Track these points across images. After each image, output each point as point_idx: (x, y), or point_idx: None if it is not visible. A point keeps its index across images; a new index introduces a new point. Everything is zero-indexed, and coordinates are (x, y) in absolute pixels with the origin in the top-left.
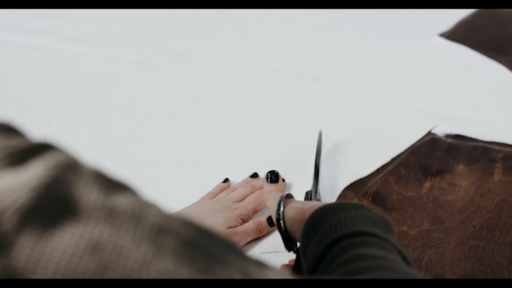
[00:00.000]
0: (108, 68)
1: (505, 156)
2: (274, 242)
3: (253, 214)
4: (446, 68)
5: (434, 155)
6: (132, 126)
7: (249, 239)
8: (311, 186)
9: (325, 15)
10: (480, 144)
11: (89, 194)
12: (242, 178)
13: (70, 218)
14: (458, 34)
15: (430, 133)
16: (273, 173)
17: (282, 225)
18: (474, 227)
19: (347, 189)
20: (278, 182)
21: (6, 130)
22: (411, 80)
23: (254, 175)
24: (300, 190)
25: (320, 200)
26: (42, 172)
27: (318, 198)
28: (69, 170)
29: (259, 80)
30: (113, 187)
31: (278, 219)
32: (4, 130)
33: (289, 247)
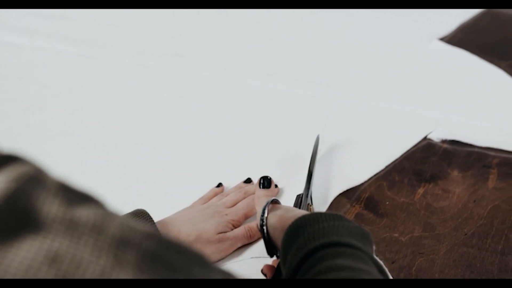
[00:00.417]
0: (107, 69)
1: (500, 162)
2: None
3: (244, 220)
4: (444, 72)
5: (429, 161)
6: (129, 127)
7: (239, 245)
8: (303, 190)
9: (325, 15)
10: (476, 149)
11: (49, 206)
12: (236, 182)
13: (29, 230)
14: (458, 38)
15: (426, 138)
16: (265, 178)
17: (265, 231)
18: (466, 234)
19: (340, 194)
20: (270, 187)
21: None
22: (409, 84)
23: (248, 180)
24: (293, 194)
25: (311, 204)
26: (2, 184)
27: (308, 203)
28: (31, 182)
29: (256, 83)
30: (76, 199)
31: (261, 225)
32: None
33: (271, 253)
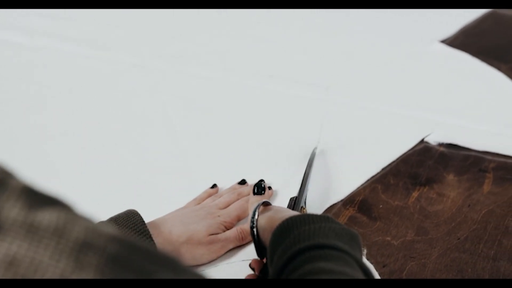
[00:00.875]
0: (107, 69)
1: (497, 166)
2: None
3: (237, 222)
4: (443, 75)
5: (425, 164)
6: (129, 127)
7: (230, 247)
8: (297, 192)
9: (325, 15)
10: (472, 153)
11: (10, 209)
12: (232, 183)
13: None
14: (460, 41)
15: (423, 141)
16: (260, 186)
17: (255, 232)
18: (459, 239)
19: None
20: (264, 193)
21: None
22: (408, 86)
23: (242, 182)
24: (288, 196)
25: (304, 207)
26: None
27: (302, 206)
28: None
29: (254, 84)
30: (39, 203)
31: (251, 227)
32: None
33: (261, 255)
